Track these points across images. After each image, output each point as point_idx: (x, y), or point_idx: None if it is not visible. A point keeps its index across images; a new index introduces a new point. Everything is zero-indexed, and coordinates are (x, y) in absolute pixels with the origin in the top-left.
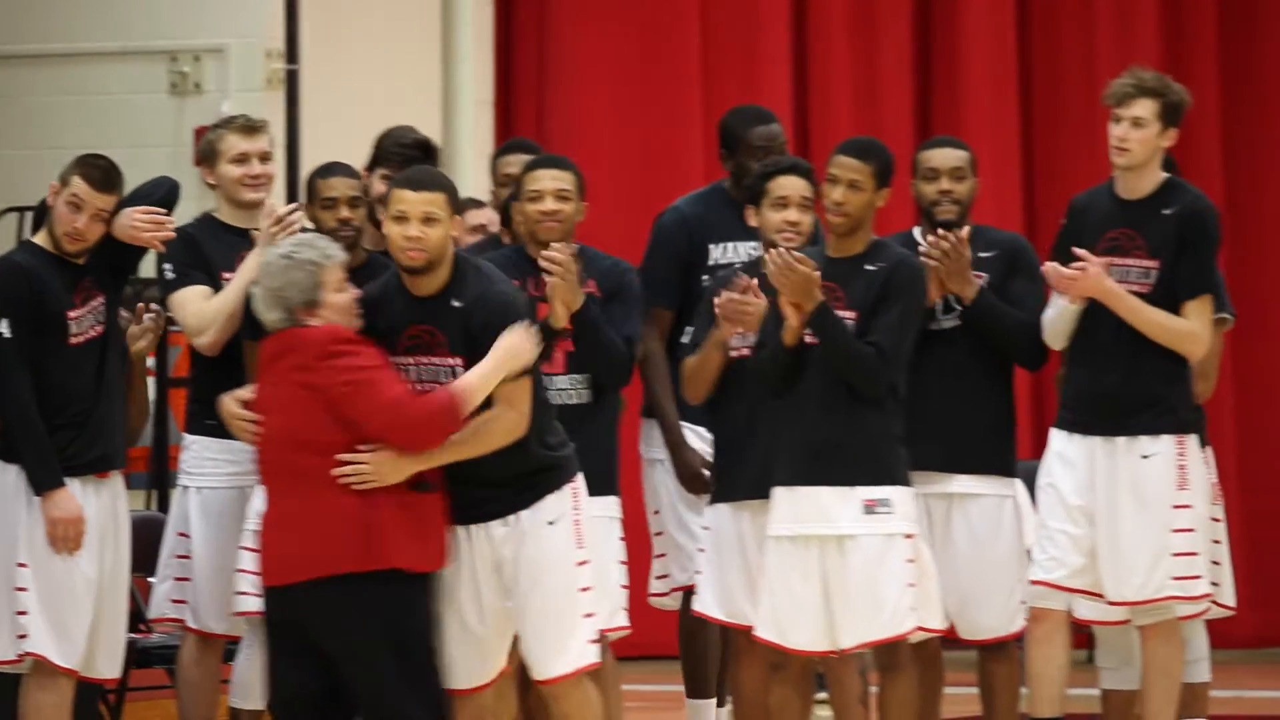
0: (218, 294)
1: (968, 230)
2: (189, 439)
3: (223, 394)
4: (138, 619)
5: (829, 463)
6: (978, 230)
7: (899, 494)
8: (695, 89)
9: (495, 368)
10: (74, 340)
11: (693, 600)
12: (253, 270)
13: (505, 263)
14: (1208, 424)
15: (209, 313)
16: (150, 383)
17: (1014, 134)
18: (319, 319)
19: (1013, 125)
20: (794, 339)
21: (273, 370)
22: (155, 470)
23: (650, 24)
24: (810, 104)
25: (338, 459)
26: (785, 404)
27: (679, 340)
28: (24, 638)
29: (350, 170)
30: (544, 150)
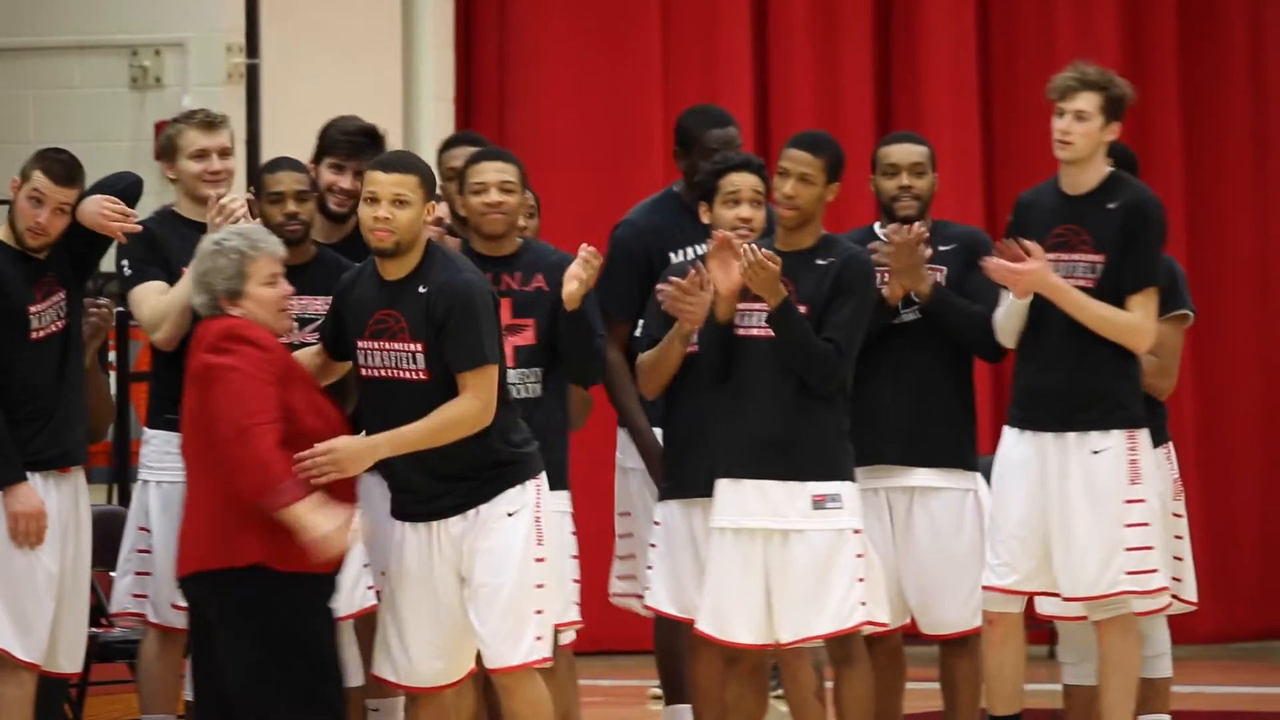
0: (173, 288)
1: (921, 226)
2: (149, 433)
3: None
4: (99, 613)
5: (778, 457)
6: (937, 224)
7: (847, 489)
8: (656, 86)
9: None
10: (35, 335)
11: (645, 595)
12: None
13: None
14: (1169, 420)
15: (162, 307)
16: (111, 377)
17: (974, 129)
18: (241, 309)
19: (973, 120)
20: (725, 314)
21: (189, 357)
22: (116, 465)
23: (611, 21)
24: (771, 100)
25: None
26: (733, 397)
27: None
28: None
29: (297, 164)
30: (490, 143)
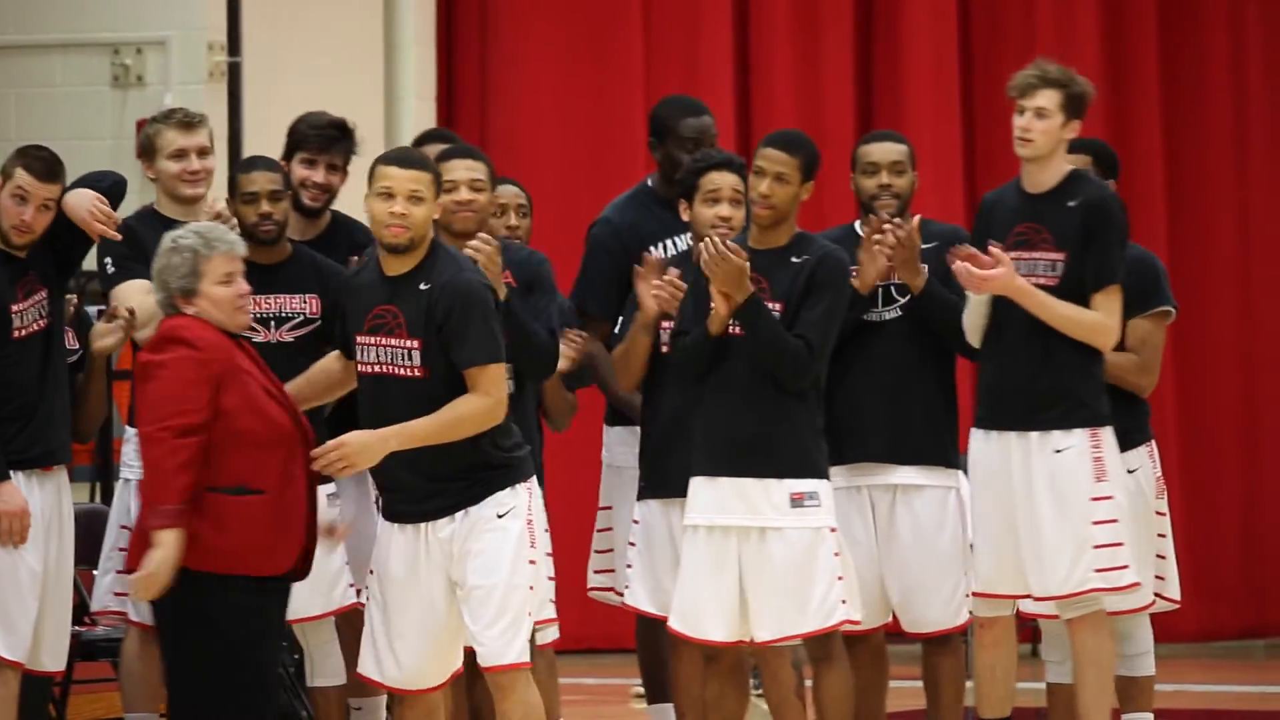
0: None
1: (918, 220)
2: (131, 432)
3: None
4: (82, 612)
5: (754, 455)
6: (920, 223)
7: (824, 487)
8: (638, 83)
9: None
10: (17, 334)
11: (625, 594)
12: None
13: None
14: (1151, 418)
15: (150, 306)
16: None
17: (955, 127)
18: (195, 308)
19: (954, 119)
20: (720, 328)
21: None
22: (99, 463)
23: (593, 19)
24: (753, 99)
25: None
26: (708, 395)
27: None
28: None
29: (271, 164)
30: (460, 140)
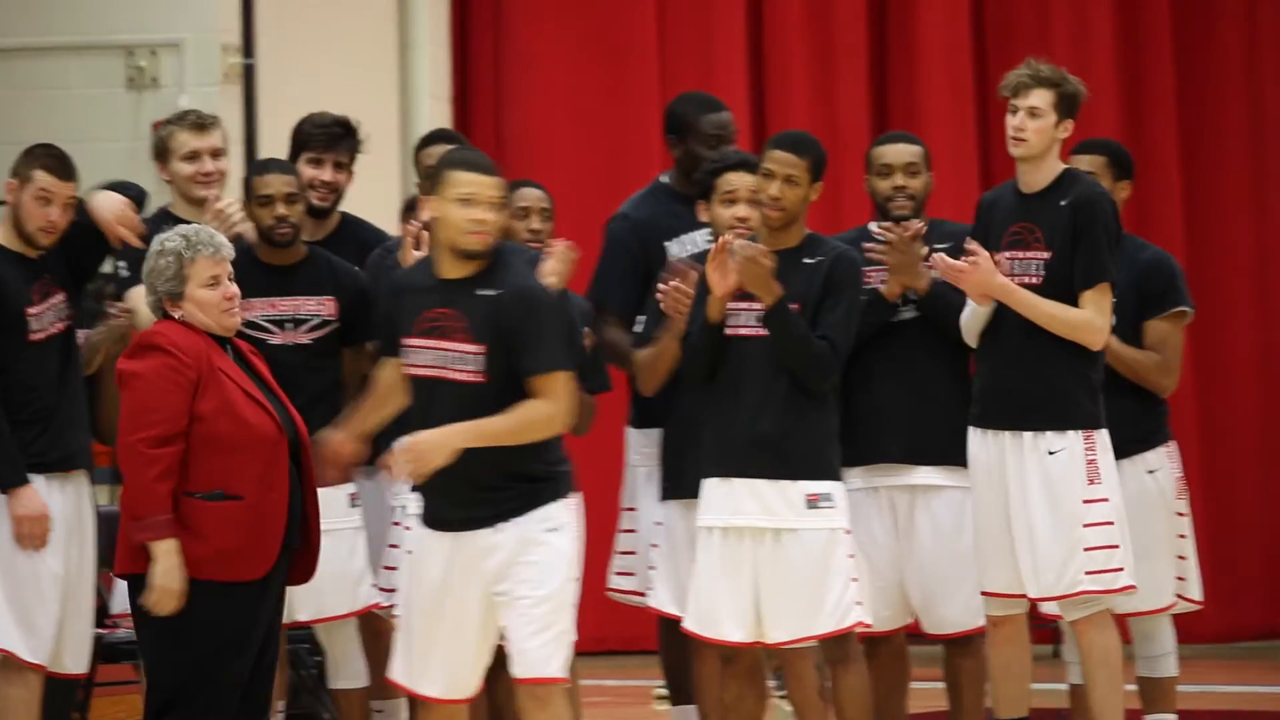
0: None
1: (918, 224)
2: None
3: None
4: (103, 614)
5: (770, 456)
6: (934, 223)
7: (838, 489)
8: (652, 82)
9: (477, 434)
10: (34, 336)
11: (648, 595)
12: None
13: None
14: (1170, 419)
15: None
16: None
17: (970, 128)
18: (181, 311)
19: (969, 119)
20: (717, 314)
21: None
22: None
23: (607, 18)
24: (767, 99)
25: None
26: (721, 396)
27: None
28: None
29: (286, 166)
30: (466, 142)
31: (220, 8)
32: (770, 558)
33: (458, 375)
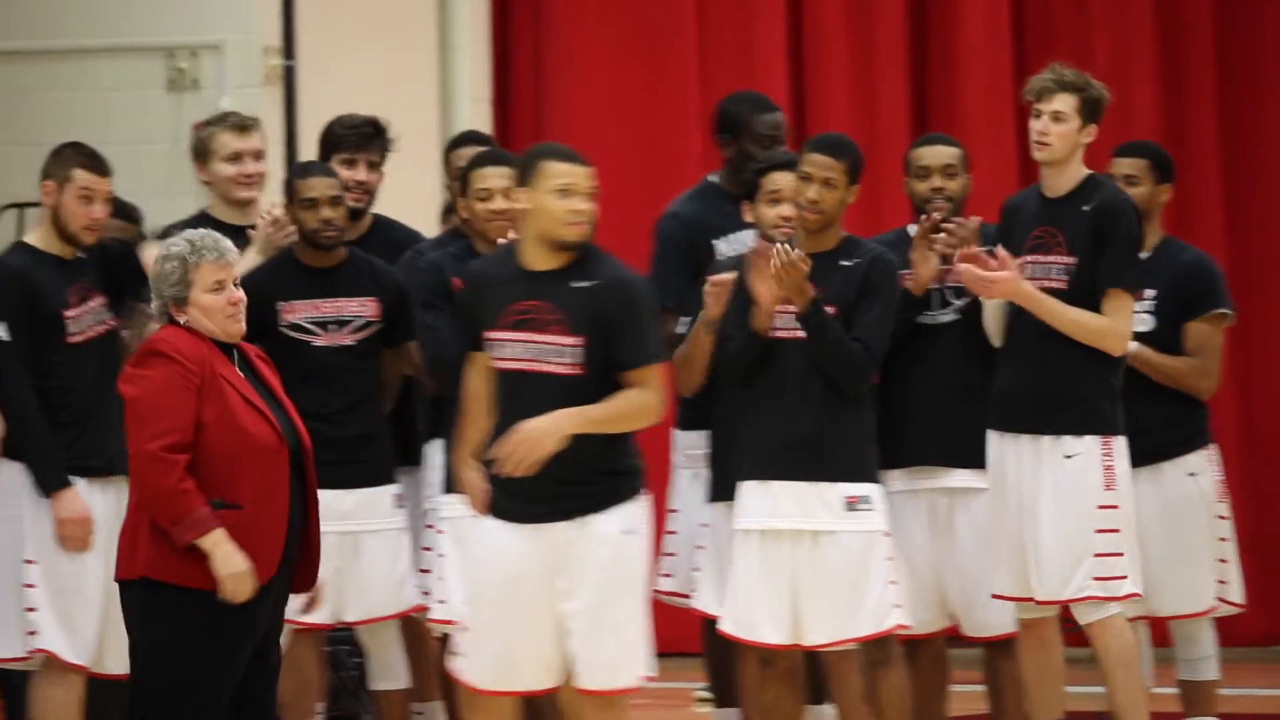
0: None
1: (976, 221)
2: None
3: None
4: None
5: (809, 458)
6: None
7: (876, 491)
8: (693, 83)
9: (584, 421)
10: (73, 339)
11: (692, 597)
12: (245, 269)
13: (452, 257)
14: (1211, 421)
15: None
16: None
17: (1010, 128)
18: (186, 315)
19: (1009, 119)
20: (763, 325)
21: None
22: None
23: (647, 18)
24: (807, 100)
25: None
26: (759, 399)
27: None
28: (33, 634)
29: (328, 169)
30: (494, 142)
31: (261, 9)
32: (809, 560)
33: (553, 368)
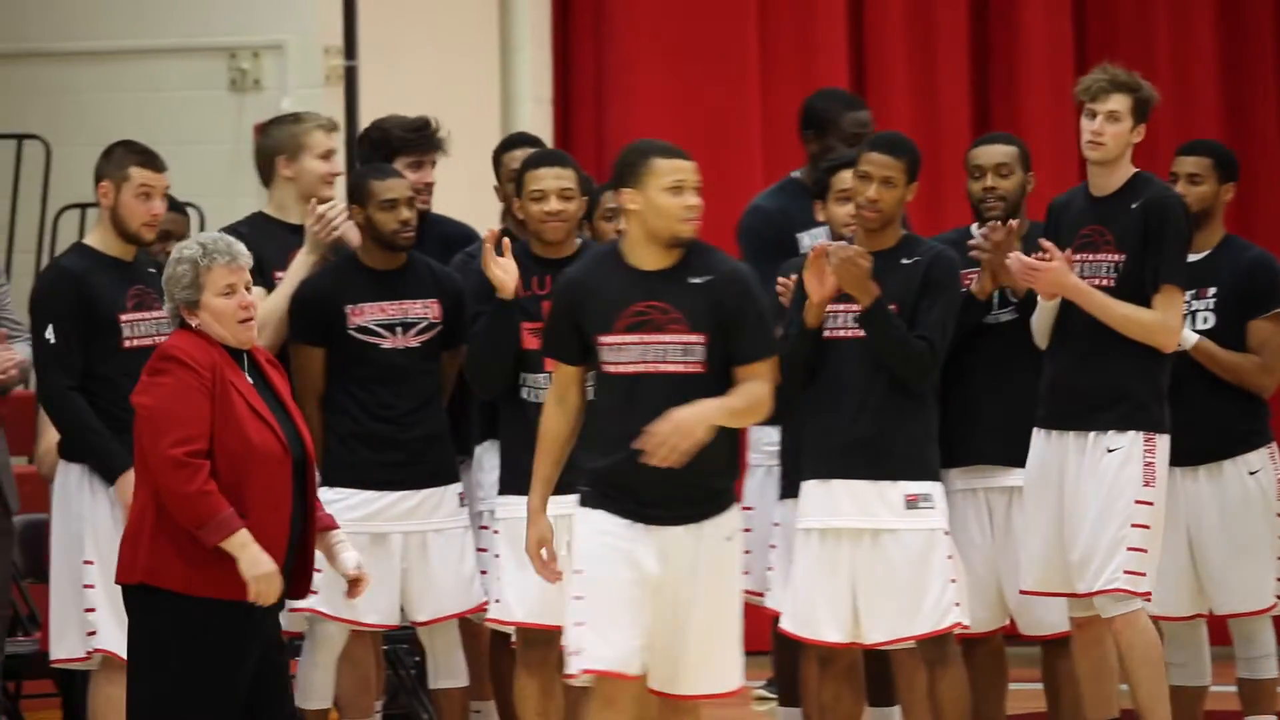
0: (270, 296)
1: (1018, 223)
2: None
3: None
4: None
5: (869, 457)
6: (1034, 226)
7: (937, 490)
8: (753, 84)
9: (719, 413)
10: (128, 344)
11: (766, 596)
12: (302, 270)
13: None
14: (1271, 420)
15: (260, 315)
16: None
17: (1071, 126)
18: (198, 319)
19: (1070, 119)
20: (815, 320)
21: None
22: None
23: (707, 20)
24: (868, 100)
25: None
26: (820, 398)
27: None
28: (93, 634)
29: (398, 171)
30: (541, 143)
31: (323, 10)
32: (869, 559)
33: (675, 368)
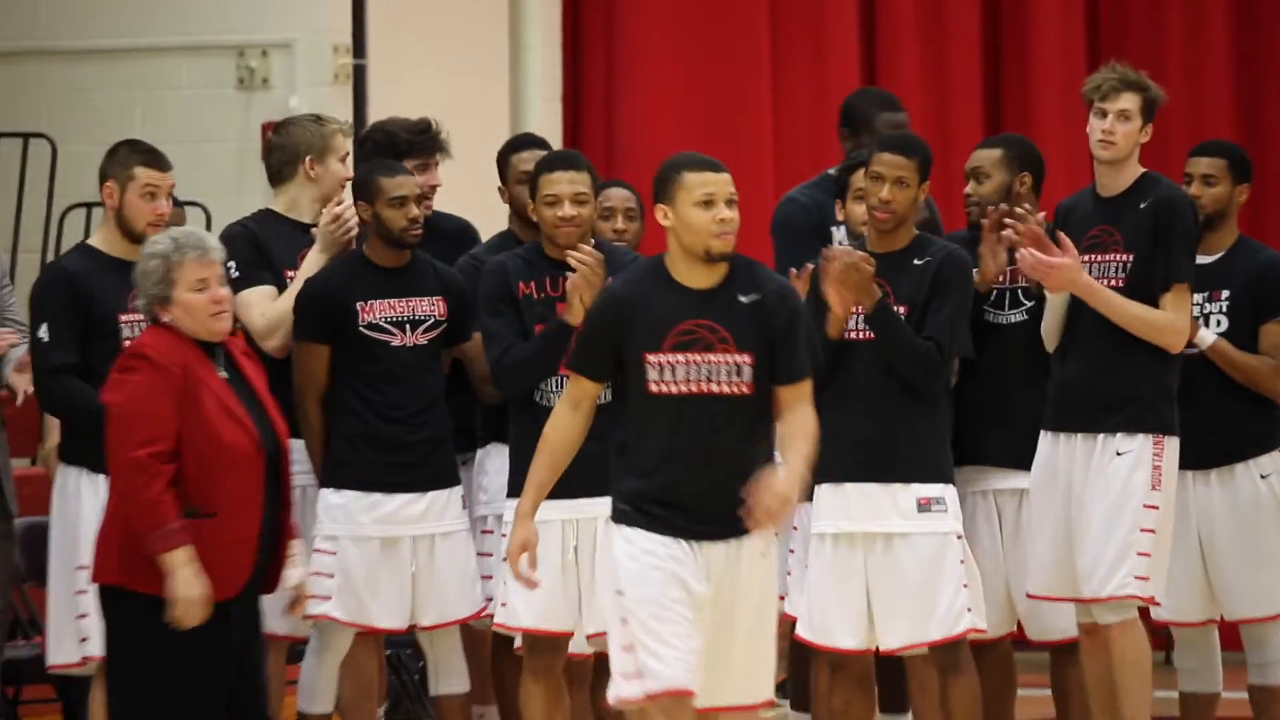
0: (282, 295)
1: (1042, 215)
2: None
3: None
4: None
5: (881, 460)
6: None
7: (950, 493)
8: (764, 82)
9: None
10: (128, 344)
11: (783, 602)
12: (312, 268)
13: (522, 260)
14: None
15: (275, 314)
16: None
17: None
18: (170, 315)
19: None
20: (837, 331)
21: None
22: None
23: (718, 17)
24: None
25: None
26: (832, 401)
27: None
28: (86, 641)
29: (407, 169)
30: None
31: (332, 8)
32: (881, 563)
33: (723, 389)
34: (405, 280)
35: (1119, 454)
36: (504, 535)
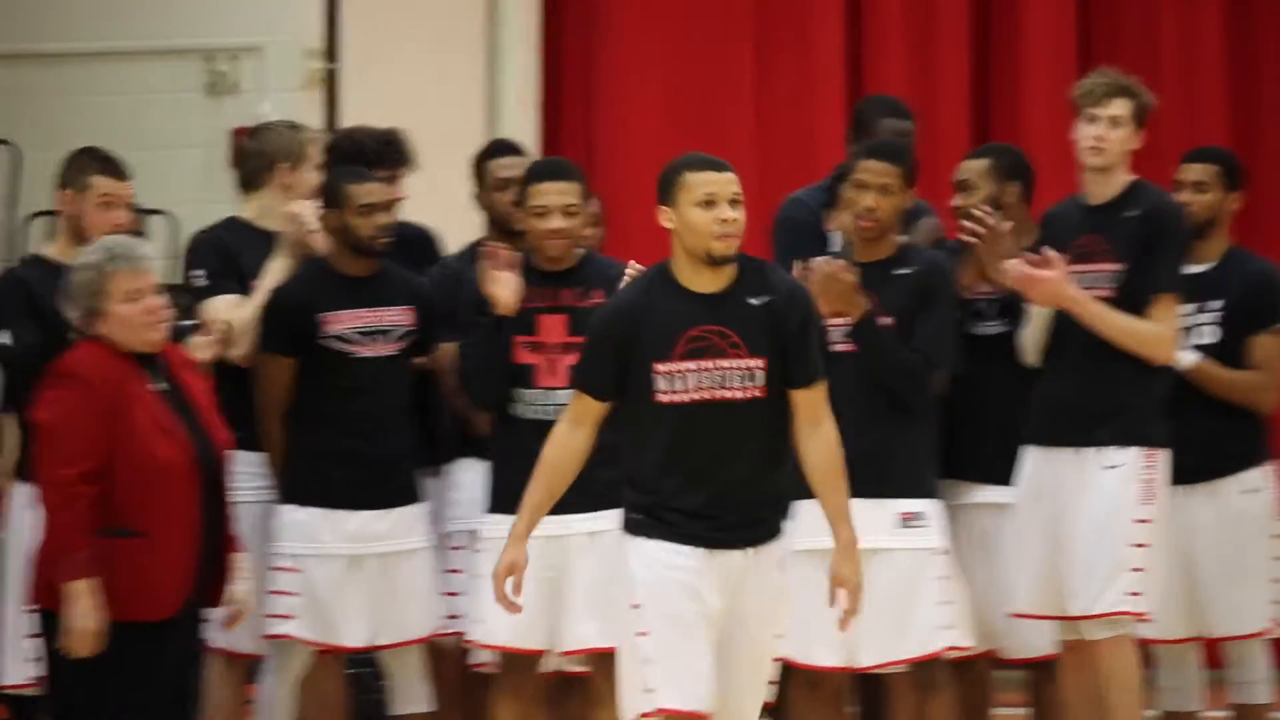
0: (246, 304)
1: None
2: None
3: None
4: None
5: (863, 474)
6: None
7: (934, 507)
8: (746, 87)
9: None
10: None
11: None
12: (278, 276)
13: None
14: (1271, 438)
15: (241, 324)
16: None
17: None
18: (105, 327)
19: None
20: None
21: None
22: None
23: (702, 22)
24: None
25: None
26: None
27: None
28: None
29: (373, 175)
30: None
31: (303, 12)
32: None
33: (736, 394)
34: (373, 289)
35: (1109, 468)
36: (478, 551)
